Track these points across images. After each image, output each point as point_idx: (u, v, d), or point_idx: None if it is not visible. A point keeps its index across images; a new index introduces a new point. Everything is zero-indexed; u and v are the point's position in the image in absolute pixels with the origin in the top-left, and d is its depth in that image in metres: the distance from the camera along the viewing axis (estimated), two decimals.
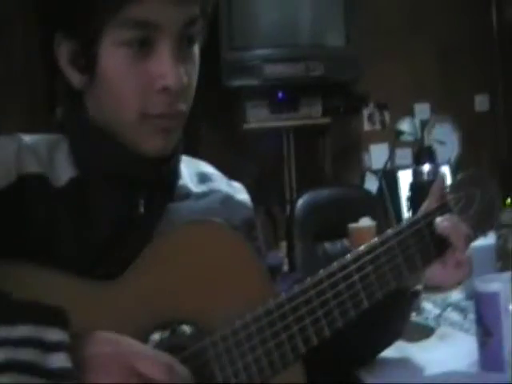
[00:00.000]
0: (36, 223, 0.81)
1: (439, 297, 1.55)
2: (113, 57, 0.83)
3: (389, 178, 3.18)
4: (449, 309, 1.49)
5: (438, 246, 0.92)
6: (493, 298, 1.06)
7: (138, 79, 0.83)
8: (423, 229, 0.92)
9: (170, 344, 0.77)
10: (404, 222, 0.92)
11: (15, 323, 0.64)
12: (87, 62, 0.84)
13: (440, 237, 0.92)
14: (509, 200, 1.91)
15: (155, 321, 0.76)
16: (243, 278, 0.83)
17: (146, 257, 0.81)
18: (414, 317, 1.42)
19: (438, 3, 3.47)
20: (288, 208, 2.84)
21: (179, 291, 0.80)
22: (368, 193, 2.88)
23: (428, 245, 0.92)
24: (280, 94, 2.94)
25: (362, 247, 0.88)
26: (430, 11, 3.45)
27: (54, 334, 0.65)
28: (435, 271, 0.94)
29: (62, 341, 0.64)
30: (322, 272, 0.85)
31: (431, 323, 1.40)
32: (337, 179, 3.40)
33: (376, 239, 0.89)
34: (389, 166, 3.30)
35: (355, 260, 0.87)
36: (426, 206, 0.97)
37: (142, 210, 0.88)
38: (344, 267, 0.86)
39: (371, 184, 3.28)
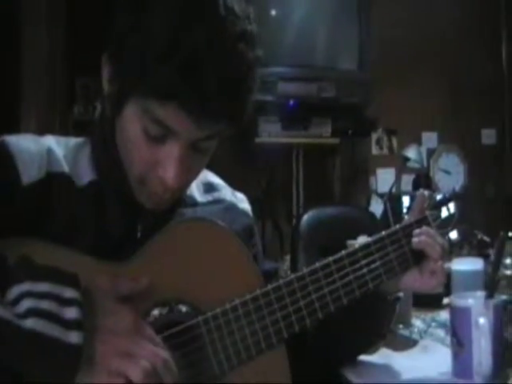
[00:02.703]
0: (59, 216, 0.89)
1: (429, 315, 1.63)
2: (131, 121, 0.86)
3: (394, 202, 3.23)
4: (435, 325, 1.55)
5: (415, 255, 1.00)
6: (465, 312, 1.13)
7: (145, 154, 0.87)
8: (401, 238, 0.99)
9: (167, 319, 0.86)
10: (383, 232, 0.99)
11: (38, 280, 0.74)
12: (117, 102, 0.88)
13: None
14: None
15: (156, 299, 0.84)
16: (234, 269, 0.91)
17: (151, 246, 0.90)
18: (401, 329, 1.50)
19: (450, 37, 3.53)
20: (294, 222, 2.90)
21: (178, 276, 0.88)
22: (371, 214, 2.93)
23: (405, 253, 0.99)
24: (289, 116, 2.99)
25: (343, 251, 0.96)
26: (442, 44, 3.51)
27: (69, 292, 0.74)
28: (412, 277, 1.01)
29: (74, 298, 0.74)
30: (304, 269, 0.93)
31: (416, 336, 1.47)
32: (343, 199, 3.46)
33: (357, 245, 0.97)
34: (394, 190, 3.37)
35: (336, 261, 0.94)
36: (406, 220, 1.04)
37: (138, 235, 0.95)
38: (326, 266, 0.93)
39: (377, 206, 3.33)
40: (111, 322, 0.75)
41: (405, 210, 3.15)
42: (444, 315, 1.56)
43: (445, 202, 1.06)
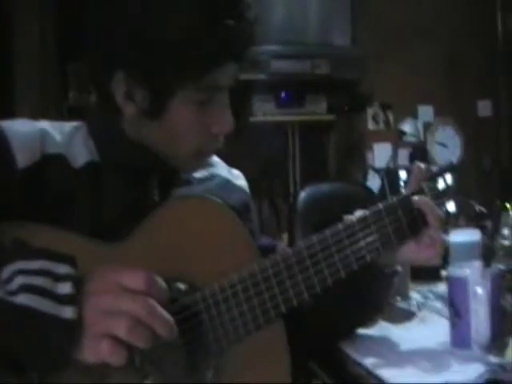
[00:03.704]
0: (55, 197, 0.90)
1: (426, 288, 1.64)
2: (180, 111, 0.92)
3: (391, 176, 3.22)
4: (432, 298, 1.57)
5: (411, 227, 0.99)
6: (462, 281, 1.13)
7: (199, 126, 0.93)
8: (398, 210, 0.98)
9: None
10: (380, 205, 0.98)
11: (32, 259, 0.74)
12: (155, 108, 0.91)
13: (418, 213, 0.98)
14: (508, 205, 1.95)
15: None
16: (231, 245, 0.91)
17: (146, 225, 0.90)
18: (398, 302, 1.51)
19: (443, 9, 3.50)
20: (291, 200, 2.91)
21: (175, 254, 0.88)
22: (369, 190, 2.94)
23: (402, 225, 0.98)
24: (283, 94, 3.02)
25: (340, 224, 0.95)
26: (435, 16, 3.48)
27: (63, 269, 0.74)
28: (409, 249, 1.01)
29: (69, 273, 0.74)
30: (301, 243, 0.92)
31: (413, 308, 1.48)
32: (340, 175, 3.46)
33: (353, 217, 0.97)
34: (391, 165, 3.36)
35: (333, 235, 0.94)
36: (403, 193, 1.03)
37: (156, 198, 0.98)
38: (323, 240, 0.93)
39: (374, 182, 3.32)
40: (95, 285, 0.74)
41: (402, 184, 3.14)
42: (442, 287, 1.57)
43: (441, 172, 1.05)
